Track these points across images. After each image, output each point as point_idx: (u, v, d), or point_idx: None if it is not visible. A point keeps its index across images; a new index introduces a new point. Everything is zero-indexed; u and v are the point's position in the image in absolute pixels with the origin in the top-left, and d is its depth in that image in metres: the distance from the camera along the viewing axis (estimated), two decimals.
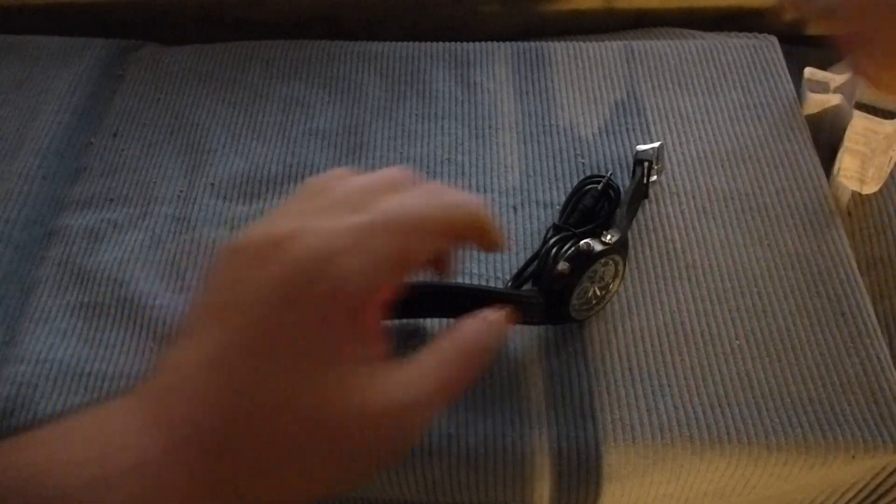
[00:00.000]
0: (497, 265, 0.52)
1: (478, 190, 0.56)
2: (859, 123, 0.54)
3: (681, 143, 0.58)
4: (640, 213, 0.54)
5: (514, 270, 0.51)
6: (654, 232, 0.53)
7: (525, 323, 0.46)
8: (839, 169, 0.56)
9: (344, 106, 0.62)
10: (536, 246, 0.53)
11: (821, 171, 0.56)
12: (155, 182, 0.58)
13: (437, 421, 0.45)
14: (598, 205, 0.51)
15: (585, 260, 0.43)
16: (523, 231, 0.54)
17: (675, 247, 0.52)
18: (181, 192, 0.58)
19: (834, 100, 0.58)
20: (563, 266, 0.43)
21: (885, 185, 0.57)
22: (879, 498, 0.48)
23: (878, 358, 0.47)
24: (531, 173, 0.57)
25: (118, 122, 0.62)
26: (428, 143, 0.59)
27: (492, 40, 0.67)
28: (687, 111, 0.60)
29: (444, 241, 0.31)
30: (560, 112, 0.61)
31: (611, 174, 0.52)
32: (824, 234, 0.53)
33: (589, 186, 0.52)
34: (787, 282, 0.50)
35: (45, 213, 0.58)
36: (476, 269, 0.52)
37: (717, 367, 0.47)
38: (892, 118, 0.53)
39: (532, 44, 0.66)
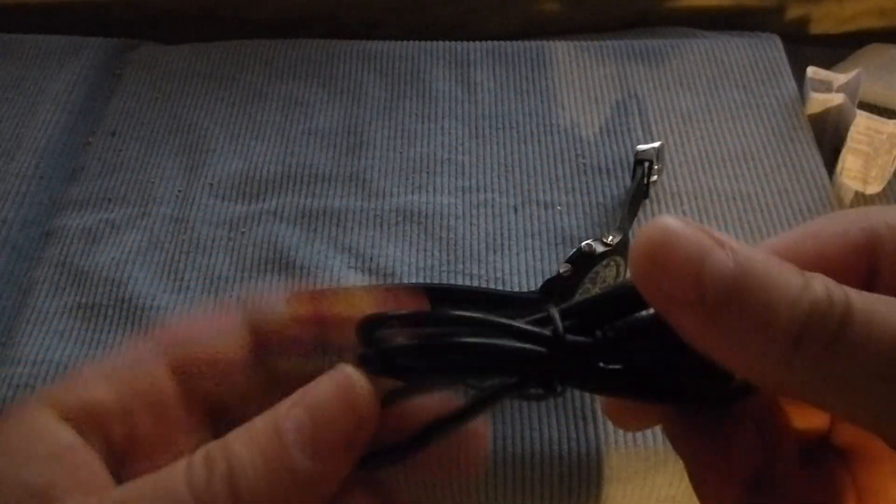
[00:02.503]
0: (497, 265, 0.51)
1: (478, 190, 0.56)
2: (862, 123, 0.54)
3: (682, 143, 0.58)
4: (640, 214, 0.53)
5: (514, 271, 0.51)
6: None
7: None
8: (842, 169, 0.55)
9: (343, 105, 0.62)
10: (536, 247, 0.52)
11: (823, 171, 0.56)
12: (153, 182, 0.58)
13: None
14: None
15: (587, 261, 0.43)
16: (523, 231, 0.53)
17: None
18: (179, 192, 0.57)
19: (837, 99, 0.58)
20: (564, 268, 0.43)
21: (889, 185, 0.56)
22: None
23: None
24: (531, 173, 0.57)
25: (116, 121, 0.62)
26: (428, 143, 0.59)
27: (492, 40, 0.66)
28: (688, 111, 0.60)
29: None
30: (560, 112, 0.61)
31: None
32: None
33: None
34: None
35: (42, 214, 0.57)
36: (475, 269, 0.51)
37: None
38: None
39: (532, 43, 0.66)
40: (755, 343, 0.16)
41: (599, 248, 0.43)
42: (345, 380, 0.18)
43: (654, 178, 0.54)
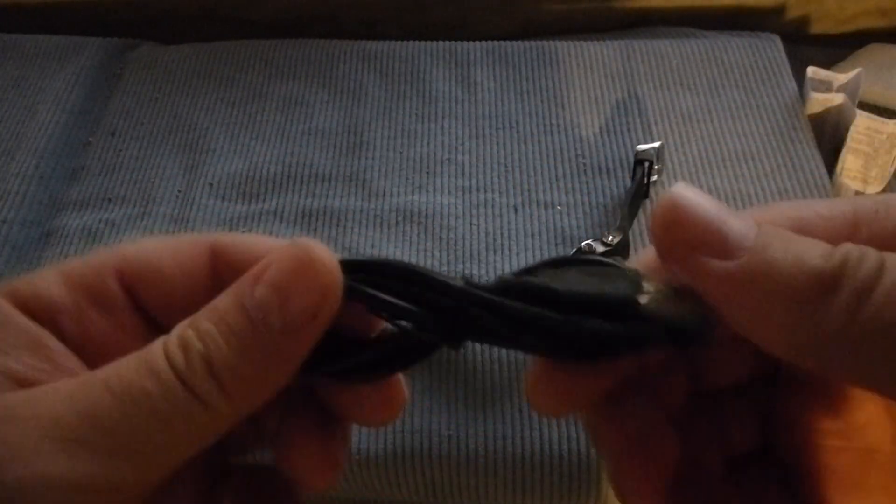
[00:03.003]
0: (497, 265, 0.51)
1: (478, 190, 0.56)
2: (862, 123, 0.54)
3: (682, 143, 0.58)
4: (640, 214, 0.53)
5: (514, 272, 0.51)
6: None
7: None
8: (842, 169, 0.55)
9: (344, 105, 0.62)
10: (536, 247, 0.52)
11: (823, 171, 0.56)
12: (153, 182, 0.58)
13: (437, 423, 0.45)
14: None
15: None
16: (523, 231, 0.53)
17: None
18: (180, 192, 0.57)
19: (837, 99, 0.58)
20: None
21: (889, 185, 0.56)
22: None
23: None
24: (531, 173, 0.57)
25: (116, 121, 0.62)
26: (428, 143, 0.59)
27: (492, 40, 0.66)
28: (688, 111, 0.60)
29: None
30: (560, 112, 0.61)
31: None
32: None
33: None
34: None
35: (43, 214, 0.57)
36: (475, 269, 0.51)
37: None
38: None
39: (532, 43, 0.66)
40: (783, 295, 0.16)
41: (599, 248, 0.43)
42: (304, 252, 0.17)
43: (654, 178, 0.54)
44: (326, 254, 0.18)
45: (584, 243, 0.43)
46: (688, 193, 0.17)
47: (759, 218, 0.18)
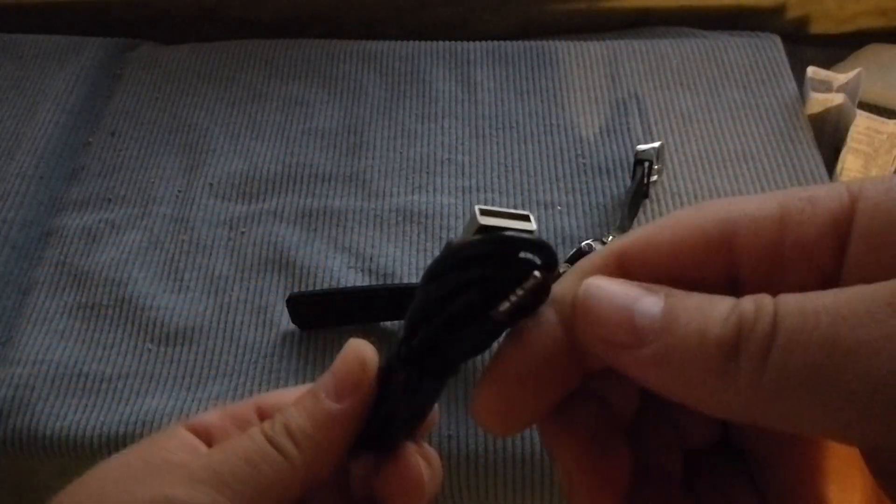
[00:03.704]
0: None
1: (478, 190, 0.56)
2: (862, 123, 0.54)
3: (682, 143, 0.58)
4: (640, 214, 0.53)
5: None
6: None
7: None
8: (842, 169, 0.55)
9: (344, 105, 0.62)
10: None
11: (823, 171, 0.56)
12: (153, 182, 0.58)
13: (437, 423, 0.45)
14: None
15: None
16: None
17: None
18: (179, 192, 0.57)
19: (837, 99, 0.58)
20: (564, 268, 0.43)
21: None
22: None
23: None
24: (531, 173, 0.57)
25: (116, 121, 0.62)
26: (428, 143, 0.59)
27: (492, 40, 0.66)
28: (688, 110, 0.60)
29: None
30: (560, 112, 0.61)
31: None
32: None
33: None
34: None
35: (43, 214, 0.57)
36: None
37: None
38: None
39: (532, 43, 0.66)
40: (694, 369, 0.17)
41: (599, 249, 0.43)
42: (351, 345, 0.25)
43: (654, 178, 0.54)
44: (366, 346, 0.25)
45: (583, 243, 0.43)
46: (596, 286, 0.19)
47: (690, 221, 0.19)
